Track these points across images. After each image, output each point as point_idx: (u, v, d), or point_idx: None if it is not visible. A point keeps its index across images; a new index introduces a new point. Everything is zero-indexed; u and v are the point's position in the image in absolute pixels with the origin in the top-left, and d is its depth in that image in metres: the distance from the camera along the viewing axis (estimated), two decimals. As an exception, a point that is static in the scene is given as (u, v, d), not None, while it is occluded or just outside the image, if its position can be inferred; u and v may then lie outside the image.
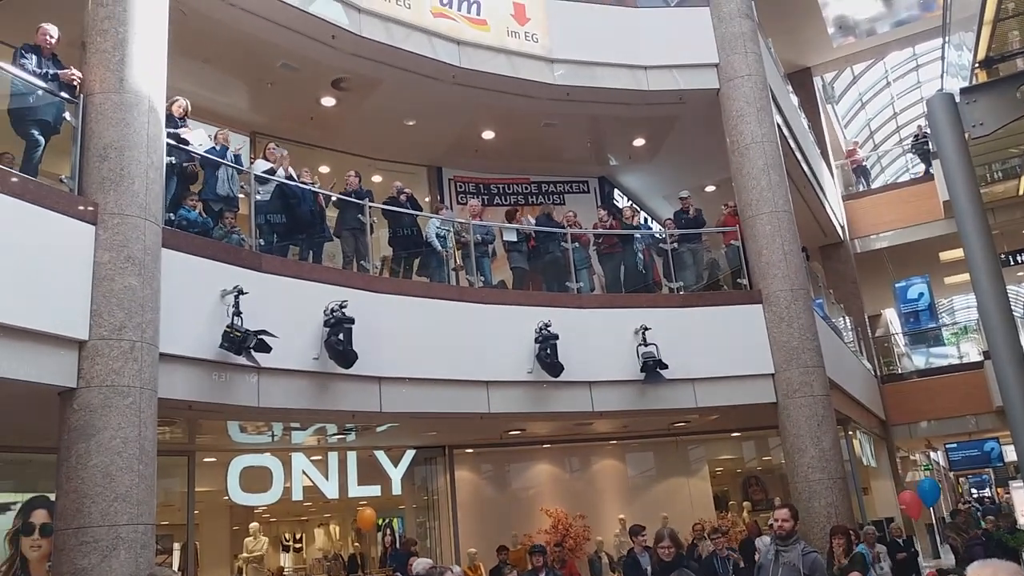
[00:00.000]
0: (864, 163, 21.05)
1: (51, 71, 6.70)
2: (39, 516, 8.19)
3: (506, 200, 14.40)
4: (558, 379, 9.23)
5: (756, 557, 8.11)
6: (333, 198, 9.70)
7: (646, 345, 9.73)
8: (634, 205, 14.95)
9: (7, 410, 6.53)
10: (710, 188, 15.00)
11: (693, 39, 11.77)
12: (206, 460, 10.21)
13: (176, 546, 9.91)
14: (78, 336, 5.95)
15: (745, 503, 14.50)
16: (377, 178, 12.78)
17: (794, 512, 5.88)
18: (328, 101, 11.54)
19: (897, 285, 19.45)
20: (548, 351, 9.15)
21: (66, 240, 6.05)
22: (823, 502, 9.71)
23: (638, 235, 11.68)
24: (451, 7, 10.67)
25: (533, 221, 11.56)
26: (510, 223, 11.40)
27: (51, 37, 6.88)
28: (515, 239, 10.88)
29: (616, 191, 15.51)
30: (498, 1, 11.10)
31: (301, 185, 9.00)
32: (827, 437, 10.03)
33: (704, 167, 14.07)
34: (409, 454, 11.57)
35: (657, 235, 11.92)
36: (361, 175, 10.17)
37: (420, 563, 6.62)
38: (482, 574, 10.97)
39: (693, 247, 11.58)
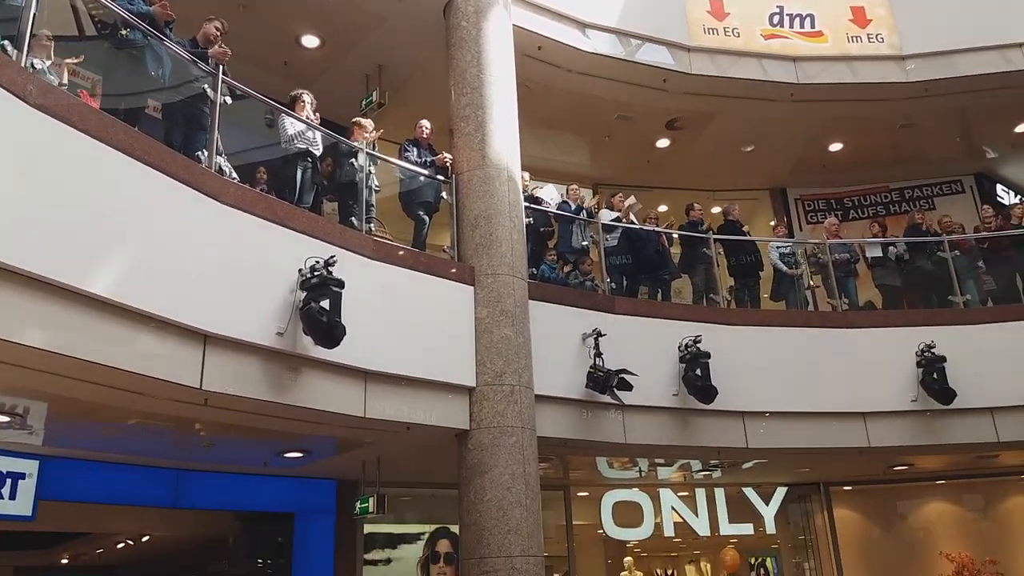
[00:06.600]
0: None
1: (428, 158, 7.84)
2: (443, 546, 9.39)
3: (863, 213, 13.36)
4: (950, 407, 8.21)
5: None
6: (675, 235, 9.84)
7: (1064, 362, 8.21)
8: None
9: (413, 452, 7.60)
10: None
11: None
12: (580, 494, 10.78)
13: (555, 576, 10.56)
14: (468, 384, 6.78)
15: None
16: (716, 209, 12.63)
17: None
18: (663, 143, 11.84)
19: None
20: (935, 376, 8.20)
21: (452, 301, 6.96)
22: None
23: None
24: (782, 25, 10.56)
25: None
26: (879, 237, 10.40)
27: (426, 129, 8.08)
28: (879, 254, 9.95)
29: (999, 187, 13.45)
30: (834, 9, 10.81)
31: (644, 228, 9.30)
32: None
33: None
34: (781, 491, 11.12)
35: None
36: (702, 207, 10.19)
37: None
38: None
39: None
